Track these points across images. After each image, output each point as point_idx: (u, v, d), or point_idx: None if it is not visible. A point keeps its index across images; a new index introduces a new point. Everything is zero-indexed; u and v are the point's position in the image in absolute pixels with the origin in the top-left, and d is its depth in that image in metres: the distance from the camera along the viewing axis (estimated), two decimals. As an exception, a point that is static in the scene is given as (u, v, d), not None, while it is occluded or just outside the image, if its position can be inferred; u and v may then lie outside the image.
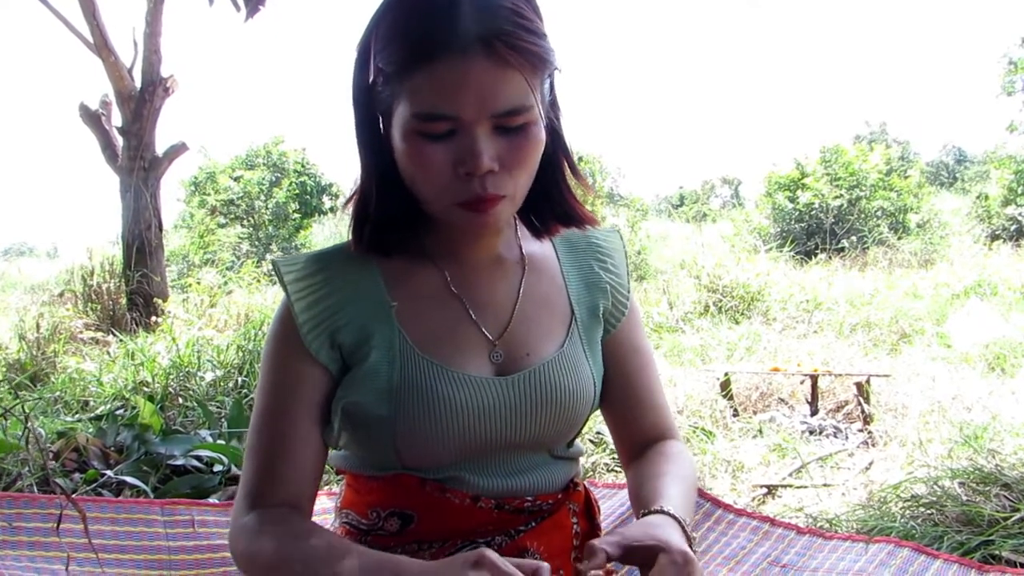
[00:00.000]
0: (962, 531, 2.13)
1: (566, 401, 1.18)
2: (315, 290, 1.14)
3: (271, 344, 1.17)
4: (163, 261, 7.77)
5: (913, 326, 6.54)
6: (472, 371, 1.14)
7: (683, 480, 1.20)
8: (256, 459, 1.13)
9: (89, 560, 1.62)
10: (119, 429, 3.19)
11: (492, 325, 1.18)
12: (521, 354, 1.18)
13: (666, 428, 1.32)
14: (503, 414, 1.14)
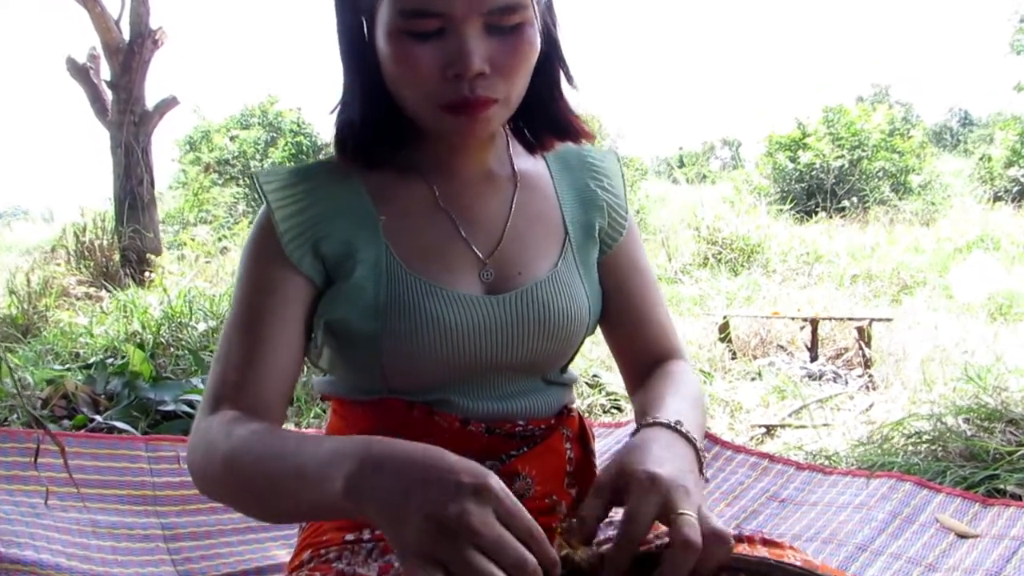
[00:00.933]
0: (965, 466, 2.10)
1: (559, 322, 1.13)
2: (297, 200, 1.08)
3: (248, 253, 1.10)
4: (156, 217, 7.70)
5: (915, 278, 6.49)
6: (461, 289, 1.08)
7: (685, 397, 1.13)
8: (223, 364, 1.05)
9: (70, 495, 1.59)
10: (109, 377, 3.16)
11: (482, 242, 1.12)
12: (512, 273, 1.12)
13: (671, 348, 1.26)
14: (493, 334, 1.09)
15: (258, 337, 1.04)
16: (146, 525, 1.66)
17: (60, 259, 7.13)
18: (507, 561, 0.71)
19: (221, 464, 0.92)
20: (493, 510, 0.73)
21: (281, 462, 0.87)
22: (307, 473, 0.83)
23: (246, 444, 0.92)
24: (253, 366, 1.03)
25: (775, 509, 1.94)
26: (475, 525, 0.71)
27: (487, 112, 0.98)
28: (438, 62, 0.94)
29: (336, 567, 1.05)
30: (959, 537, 1.69)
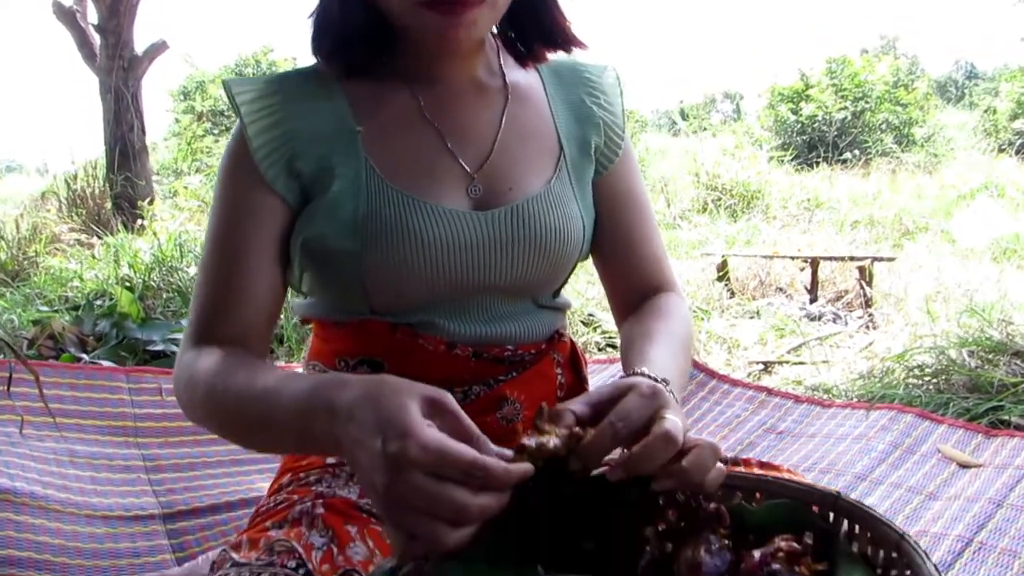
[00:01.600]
0: (969, 398, 2.05)
1: (551, 241, 1.06)
2: (271, 113, 1.01)
3: (223, 173, 1.04)
4: (148, 164, 7.59)
5: (917, 223, 6.41)
6: (447, 204, 1.02)
7: (673, 338, 1.08)
8: (204, 294, 1.01)
9: (47, 424, 1.54)
10: (97, 319, 3.11)
11: (470, 156, 1.05)
12: (503, 189, 1.06)
13: (663, 281, 1.20)
14: (481, 251, 1.03)
15: (236, 266, 0.99)
16: (127, 456, 1.62)
17: (51, 207, 7.05)
18: (445, 516, 0.66)
19: (203, 402, 0.91)
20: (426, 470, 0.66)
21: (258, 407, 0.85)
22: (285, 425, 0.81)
23: (225, 383, 0.90)
24: (233, 296, 0.99)
25: (772, 441, 1.91)
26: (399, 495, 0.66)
27: (471, 14, 0.91)
28: None
29: (315, 489, 1.02)
30: (961, 467, 1.65)
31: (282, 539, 0.93)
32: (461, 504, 0.66)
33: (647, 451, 0.74)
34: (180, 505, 1.56)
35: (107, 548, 1.39)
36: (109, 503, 1.49)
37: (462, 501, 0.66)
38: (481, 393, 1.07)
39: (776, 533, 0.78)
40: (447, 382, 1.07)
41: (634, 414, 0.77)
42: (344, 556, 0.92)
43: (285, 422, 0.81)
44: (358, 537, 0.94)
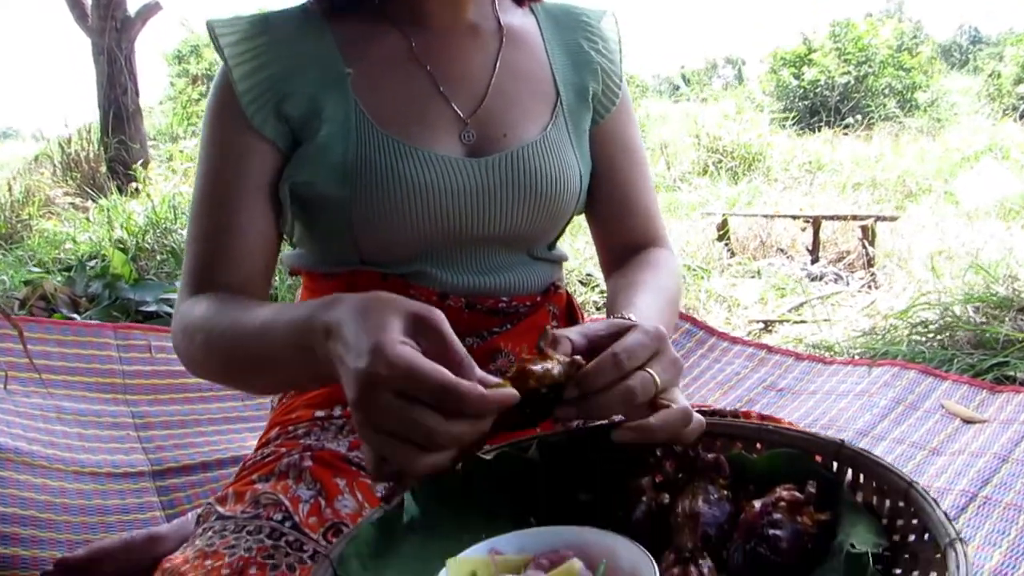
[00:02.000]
0: (973, 354, 2.03)
1: (547, 189, 1.03)
2: (257, 55, 0.97)
3: (209, 119, 1.01)
4: (142, 127, 7.52)
5: (920, 185, 6.34)
6: (439, 150, 0.99)
7: (660, 290, 1.04)
8: (198, 244, 0.98)
9: (33, 380, 1.52)
10: (90, 280, 3.08)
11: (463, 101, 1.02)
12: (497, 135, 1.02)
13: (654, 236, 1.18)
14: (474, 199, 0.99)
15: (227, 215, 0.96)
16: (115, 413, 1.59)
17: (45, 170, 7.00)
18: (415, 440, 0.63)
19: (202, 347, 0.90)
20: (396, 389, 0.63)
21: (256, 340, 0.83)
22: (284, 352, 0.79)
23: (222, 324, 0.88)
24: (226, 244, 0.96)
25: (773, 398, 1.88)
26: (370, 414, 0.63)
27: None
28: None
29: (304, 442, 1.00)
30: (965, 422, 1.63)
31: (268, 492, 0.91)
32: (430, 428, 0.62)
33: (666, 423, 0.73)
34: (170, 462, 1.54)
35: (95, 504, 1.37)
36: (97, 460, 1.46)
37: (431, 425, 0.62)
38: (474, 345, 1.05)
39: (778, 483, 0.75)
40: (439, 334, 1.04)
41: (638, 351, 0.75)
42: (332, 509, 0.89)
43: (284, 349, 0.78)
44: (347, 490, 0.92)
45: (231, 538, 0.86)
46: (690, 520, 0.75)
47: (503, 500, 0.82)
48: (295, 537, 0.86)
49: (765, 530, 0.69)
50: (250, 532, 0.86)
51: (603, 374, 0.73)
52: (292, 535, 0.86)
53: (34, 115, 54.52)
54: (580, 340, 0.78)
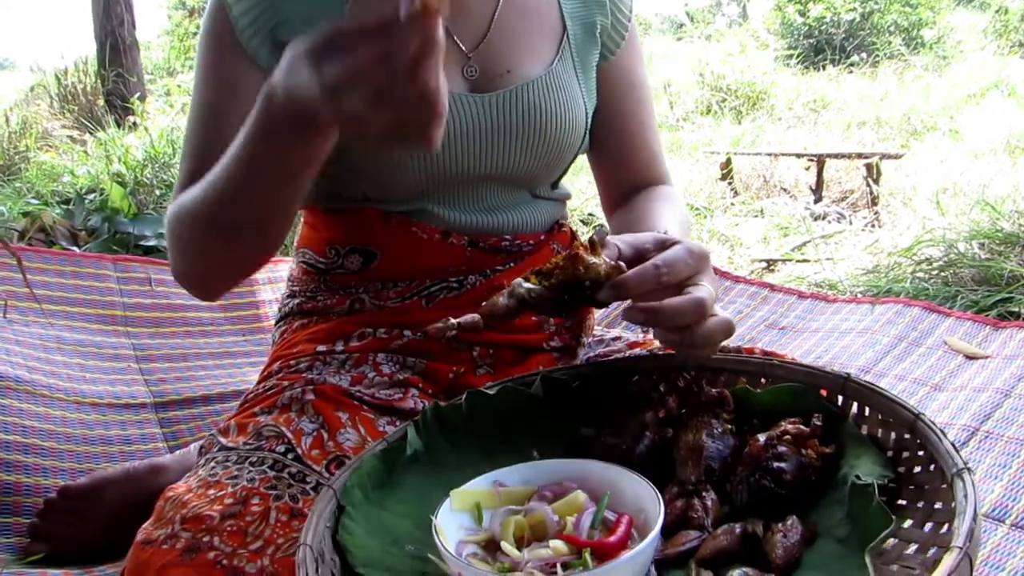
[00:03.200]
0: (977, 290, 2.02)
1: (551, 128, 1.01)
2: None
3: (203, 45, 0.99)
4: (139, 60, 7.41)
5: (925, 123, 6.26)
6: None
7: (679, 219, 1.07)
8: (190, 161, 0.97)
9: (32, 309, 1.51)
10: (88, 213, 3.06)
11: (465, 35, 1.00)
12: (500, 71, 1.00)
13: (660, 174, 1.17)
14: (476, 137, 0.98)
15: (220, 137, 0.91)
16: (116, 345, 1.59)
17: (42, 102, 6.92)
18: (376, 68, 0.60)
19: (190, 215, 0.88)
20: None
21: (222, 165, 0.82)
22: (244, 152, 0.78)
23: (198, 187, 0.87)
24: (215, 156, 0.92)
25: (775, 337, 1.88)
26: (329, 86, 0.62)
27: None
28: None
29: (306, 376, 1.00)
30: (968, 358, 1.63)
31: (271, 424, 0.91)
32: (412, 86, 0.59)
33: (676, 309, 0.73)
34: (172, 395, 1.54)
35: (97, 434, 1.37)
36: (99, 390, 1.47)
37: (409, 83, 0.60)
38: (477, 283, 1.05)
39: (782, 417, 0.75)
40: (442, 271, 1.04)
41: (679, 266, 0.76)
42: (335, 442, 0.90)
43: (249, 143, 0.77)
44: (349, 424, 0.92)
45: (233, 468, 0.86)
46: (693, 453, 0.75)
47: (506, 434, 0.82)
48: (298, 469, 0.86)
49: (769, 463, 0.69)
50: (252, 463, 0.87)
51: (641, 284, 0.74)
52: (295, 466, 0.87)
53: (30, 46, 53.54)
54: (628, 250, 0.79)
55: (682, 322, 0.74)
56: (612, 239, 0.80)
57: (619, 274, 0.74)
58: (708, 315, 0.75)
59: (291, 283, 1.13)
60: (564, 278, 0.74)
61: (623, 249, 0.79)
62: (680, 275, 0.76)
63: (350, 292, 1.04)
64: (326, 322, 1.06)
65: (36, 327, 1.49)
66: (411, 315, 1.03)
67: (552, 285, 0.74)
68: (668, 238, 0.82)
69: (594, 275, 0.74)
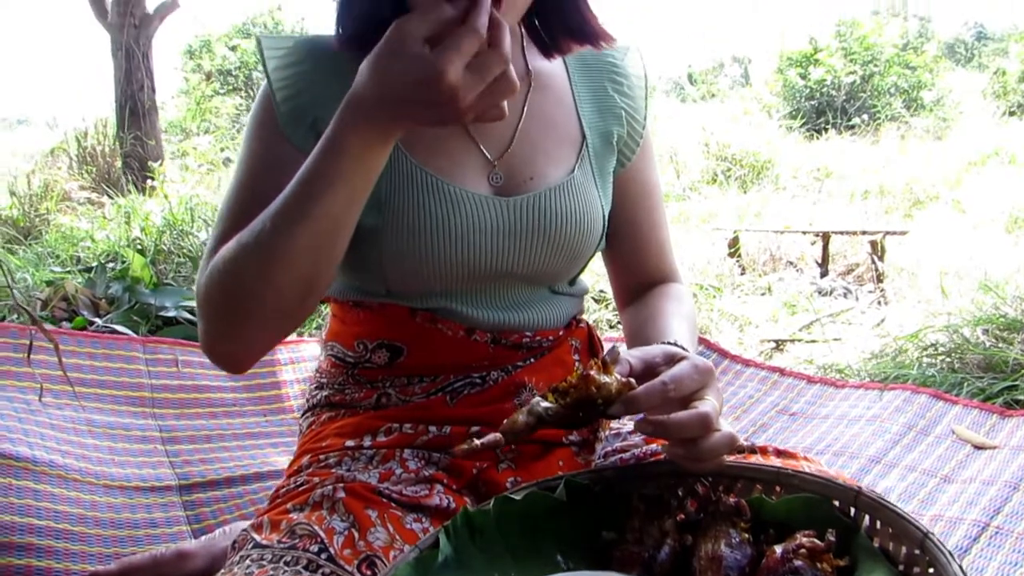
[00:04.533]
0: (983, 377, 2.05)
1: (572, 231, 1.06)
2: (298, 79, 1.01)
3: (249, 132, 1.04)
4: (157, 124, 7.56)
5: (928, 192, 6.34)
6: (469, 188, 1.02)
7: (687, 321, 1.11)
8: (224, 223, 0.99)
9: (65, 393, 1.55)
10: (109, 281, 3.11)
11: (492, 144, 1.05)
12: (524, 178, 1.06)
13: (670, 271, 1.23)
14: (501, 238, 1.03)
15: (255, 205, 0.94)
16: (143, 427, 1.63)
17: (62, 164, 7.05)
18: None
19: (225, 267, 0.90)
20: None
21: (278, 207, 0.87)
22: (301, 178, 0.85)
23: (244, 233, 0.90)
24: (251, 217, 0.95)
25: (785, 423, 1.91)
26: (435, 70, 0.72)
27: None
28: None
29: (336, 472, 1.03)
30: (976, 448, 1.65)
31: (303, 522, 0.94)
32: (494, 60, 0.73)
33: (682, 424, 0.79)
34: (196, 477, 1.57)
35: (124, 518, 1.40)
36: (126, 473, 1.50)
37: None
38: (499, 379, 1.08)
39: (797, 527, 0.79)
40: (466, 368, 1.08)
41: (685, 382, 0.82)
42: (365, 541, 0.93)
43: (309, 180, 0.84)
44: (379, 522, 0.95)
45: (269, 568, 0.89)
46: (713, 563, 0.79)
47: (532, 538, 0.86)
48: (331, 569, 0.89)
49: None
50: (287, 563, 0.90)
51: (649, 399, 0.80)
52: (328, 567, 0.89)
53: (47, 103, 54.90)
54: (638, 364, 0.85)
55: (687, 436, 0.79)
56: (624, 355, 0.85)
57: (629, 390, 0.80)
58: (713, 429, 0.80)
59: (319, 375, 1.17)
60: (578, 396, 0.80)
61: (634, 364, 0.85)
62: (686, 390, 0.82)
63: (377, 386, 1.08)
64: (353, 415, 1.09)
65: (69, 410, 1.53)
66: (436, 411, 1.06)
67: (567, 403, 0.80)
68: (676, 352, 0.87)
69: (606, 393, 0.79)
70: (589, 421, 0.83)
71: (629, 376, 0.83)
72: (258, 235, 0.87)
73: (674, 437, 0.81)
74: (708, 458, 0.81)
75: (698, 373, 0.83)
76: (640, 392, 0.80)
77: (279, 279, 0.88)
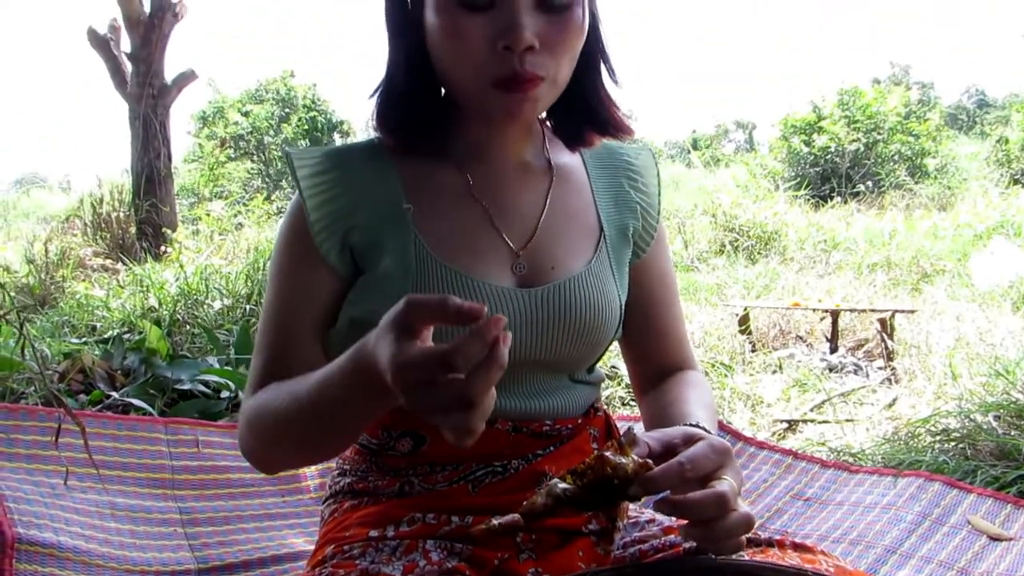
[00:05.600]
0: (997, 465, 2.05)
1: (591, 320, 1.10)
2: (328, 187, 1.06)
3: (281, 242, 1.09)
4: (172, 191, 7.70)
5: (935, 265, 6.40)
6: (493, 281, 1.06)
7: (707, 407, 1.14)
8: (264, 353, 1.06)
9: (90, 476, 1.57)
10: (125, 353, 3.14)
11: (516, 234, 1.09)
12: (546, 267, 1.10)
13: (686, 358, 1.26)
14: (524, 328, 1.06)
15: (291, 333, 1.06)
16: (164, 509, 1.64)
17: (76, 229, 7.15)
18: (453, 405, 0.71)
19: (270, 423, 0.98)
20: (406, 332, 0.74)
21: (310, 390, 0.91)
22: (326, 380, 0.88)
23: (281, 391, 0.97)
24: (287, 358, 1.05)
25: (800, 508, 1.91)
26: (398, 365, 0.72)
27: (535, 90, 0.97)
28: (488, 34, 0.94)
29: (360, 565, 1.04)
30: (992, 540, 1.65)
31: (331, 614, 0.96)
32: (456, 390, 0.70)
33: (699, 504, 0.81)
34: (215, 560, 1.58)
35: (146, 605, 1.41)
36: (147, 557, 1.51)
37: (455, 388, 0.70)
38: (520, 468, 1.10)
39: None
40: (487, 456, 1.10)
41: (702, 462, 0.84)
42: (391, 633, 0.94)
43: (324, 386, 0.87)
44: (403, 613, 0.97)
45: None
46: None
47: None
48: (361, 661, 0.91)
49: None
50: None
51: (667, 480, 0.82)
52: (358, 659, 0.91)
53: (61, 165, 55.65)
54: (657, 446, 0.87)
55: (705, 516, 0.81)
56: (642, 436, 0.88)
57: (647, 471, 0.82)
58: (730, 509, 0.82)
59: (342, 461, 1.19)
60: (595, 477, 0.82)
61: (653, 446, 0.88)
62: (703, 470, 0.84)
63: (400, 474, 1.10)
64: (376, 504, 1.11)
65: (92, 493, 1.55)
66: (458, 500, 1.08)
67: (584, 484, 0.82)
68: (695, 433, 0.90)
69: (622, 474, 0.81)
70: (608, 503, 0.84)
71: (648, 457, 0.85)
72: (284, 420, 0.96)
73: (692, 517, 0.83)
74: (725, 539, 0.83)
75: (715, 453, 0.86)
76: (657, 472, 0.82)
77: (301, 449, 1.00)
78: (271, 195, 13.49)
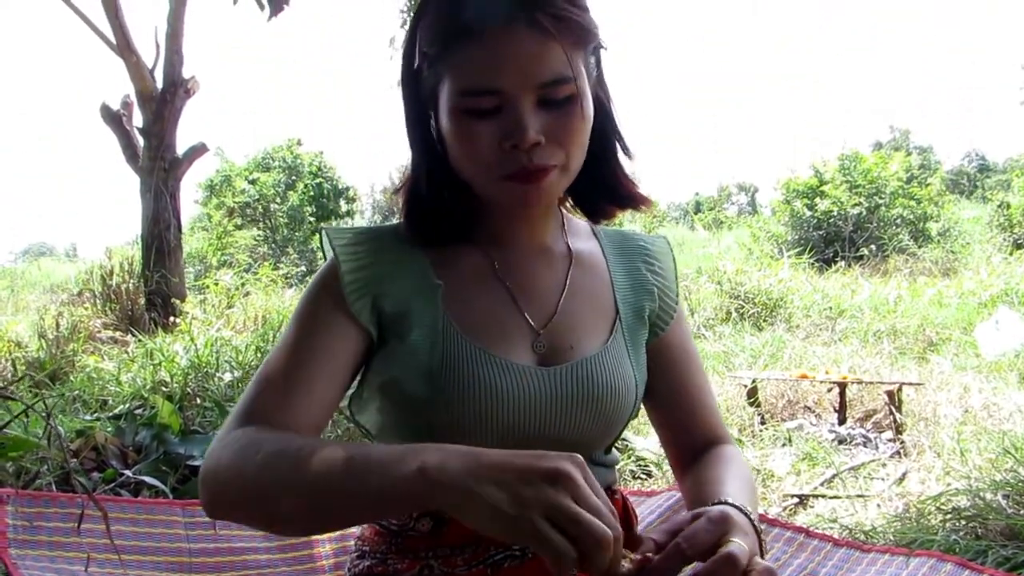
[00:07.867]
0: (1007, 545, 2.05)
1: (607, 398, 1.14)
2: (364, 256, 1.12)
3: (312, 292, 1.11)
4: (181, 262, 7.79)
5: (940, 334, 6.43)
6: (514, 359, 1.10)
7: (740, 479, 1.15)
8: (262, 384, 1.04)
9: (110, 561, 1.58)
10: (137, 428, 3.16)
11: (537, 314, 1.14)
12: (564, 346, 1.14)
13: (719, 433, 1.28)
14: (544, 406, 1.10)
15: (302, 366, 1.04)
16: (182, 593, 1.65)
17: (87, 301, 7.21)
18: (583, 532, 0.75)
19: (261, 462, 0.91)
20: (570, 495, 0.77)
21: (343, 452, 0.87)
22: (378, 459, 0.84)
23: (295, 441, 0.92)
24: (292, 391, 1.03)
25: (814, 587, 1.91)
26: (550, 501, 0.76)
27: (548, 179, 1.02)
28: (496, 135, 1.00)
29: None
30: (1006, 622, 1.65)
31: None
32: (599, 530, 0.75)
33: (708, 571, 0.83)
34: (233, 643, 1.58)
35: None
36: (166, 642, 1.51)
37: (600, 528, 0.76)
38: (538, 552, 1.12)
39: None
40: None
41: (700, 536, 0.87)
42: None
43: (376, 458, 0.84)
44: None
45: None
46: None
47: None
48: None
49: None
50: None
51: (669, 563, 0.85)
52: None
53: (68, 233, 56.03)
54: (664, 538, 0.90)
55: None
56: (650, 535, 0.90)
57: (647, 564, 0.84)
58: (742, 567, 0.84)
59: (361, 543, 1.20)
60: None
61: (658, 539, 0.90)
62: (703, 544, 0.86)
63: (420, 557, 1.11)
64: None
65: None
66: (477, 584, 1.10)
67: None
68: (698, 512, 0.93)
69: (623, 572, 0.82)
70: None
71: (656, 550, 0.88)
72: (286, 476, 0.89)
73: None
74: None
75: (712, 524, 0.89)
76: (658, 561, 0.84)
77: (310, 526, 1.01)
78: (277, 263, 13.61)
